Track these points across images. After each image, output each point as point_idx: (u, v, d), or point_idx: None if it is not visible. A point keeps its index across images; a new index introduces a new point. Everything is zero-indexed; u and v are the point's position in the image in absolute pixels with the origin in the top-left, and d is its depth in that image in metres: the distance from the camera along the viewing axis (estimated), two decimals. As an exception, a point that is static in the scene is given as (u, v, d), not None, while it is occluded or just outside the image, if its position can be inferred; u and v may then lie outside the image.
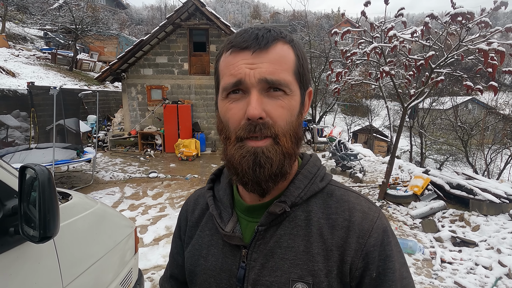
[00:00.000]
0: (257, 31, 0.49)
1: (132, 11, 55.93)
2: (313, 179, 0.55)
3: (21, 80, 10.95)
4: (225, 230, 0.55)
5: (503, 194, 4.54)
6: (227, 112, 0.50)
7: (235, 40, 0.49)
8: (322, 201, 0.54)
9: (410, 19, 64.62)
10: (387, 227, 0.52)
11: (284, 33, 0.52)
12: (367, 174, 7.47)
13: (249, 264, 0.52)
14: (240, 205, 0.58)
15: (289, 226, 0.52)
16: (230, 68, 0.49)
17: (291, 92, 0.49)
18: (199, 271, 0.58)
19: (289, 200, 0.52)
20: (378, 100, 20.86)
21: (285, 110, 0.49)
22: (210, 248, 0.58)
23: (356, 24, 4.73)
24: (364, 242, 0.49)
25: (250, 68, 0.47)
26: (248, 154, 0.48)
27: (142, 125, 9.48)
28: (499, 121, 12.23)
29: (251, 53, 0.48)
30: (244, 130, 0.47)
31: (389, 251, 0.50)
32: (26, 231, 0.91)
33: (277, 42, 0.49)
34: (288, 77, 0.49)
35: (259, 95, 0.47)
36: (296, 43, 0.52)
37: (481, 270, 3.14)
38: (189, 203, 0.69)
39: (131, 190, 5.69)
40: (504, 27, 3.51)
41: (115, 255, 1.61)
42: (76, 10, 16.86)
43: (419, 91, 4.80)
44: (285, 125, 0.49)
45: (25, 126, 5.83)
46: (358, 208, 0.52)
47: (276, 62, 0.48)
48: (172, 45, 9.28)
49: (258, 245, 0.53)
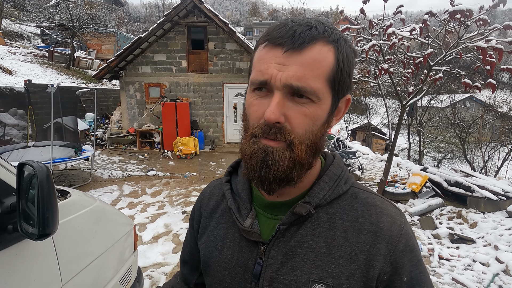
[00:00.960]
0: (296, 26, 0.46)
1: (130, 9, 55.62)
2: (337, 180, 0.54)
3: (18, 78, 10.88)
4: (243, 225, 0.55)
5: (500, 191, 4.57)
6: (250, 107, 0.50)
7: (272, 34, 0.47)
8: (347, 203, 0.53)
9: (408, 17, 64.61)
10: (411, 232, 0.53)
11: (329, 30, 0.47)
12: (366, 172, 7.50)
13: (266, 261, 0.52)
14: (259, 201, 0.57)
15: (311, 227, 0.52)
16: (261, 63, 0.47)
17: (318, 100, 0.46)
18: (213, 262, 0.59)
19: (314, 202, 0.52)
20: (376, 98, 20.89)
21: (307, 119, 0.47)
22: (225, 241, 0.58)
23: (355, 21, 4.72)
24: (394, 248, 0.49)
25: (279, 70, 0.45)
26: (259, 151, 0.47)
27: (140, 123, 9.45)
28: (497, 119, 12.29)
29: (282, 52, 0.45)
30: (260, 129, 0.47)
31: (419, 256, 0.52)
32: (24, 229, 0.91)
33: (316, 42, 0.45)
34: (318, 84, 0.45)
35: (281, 98, 0.45)
36: (341, 44, 0.48)
37: (478, 267, 3.17)
38: (204, 194, 0.69)
39: (129, 188, 5.68)
40: (502, 24, 3.52)
41: (114, 252, 1.61)
42: (73, 8, 16.75)
43: (417, 89, 4.81)
44: (304, 134, 0.47)
45: (23, 124, 5.79)
46: (386, 213, 0.52)
47: (307, 66, 0.45)
48: (170, 43, 9.24)
49: (277, 243, 0.52)
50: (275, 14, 68.62)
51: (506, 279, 2.98)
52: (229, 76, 9.38)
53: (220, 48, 9.27)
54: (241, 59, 9.32)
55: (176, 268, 3.11)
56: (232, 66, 9.37)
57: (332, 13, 65.77)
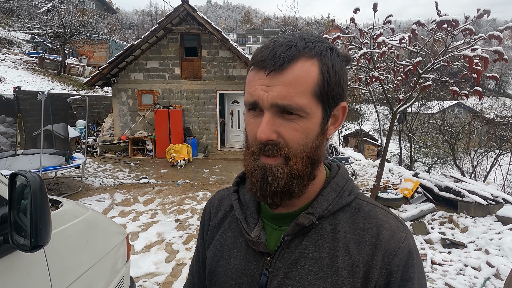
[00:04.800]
0: (277, 47, 0.47)
1: (122, 16, 55.59)
2: (341, 192, 0.55)
3: (7, 85, 10.69)
4: (251, 235, 0.56)
5: (489, 196, 4.66)
6: (247, 126, 0.53)
7: (256, 58, 0.49)
8: (349, 215, 0.54)
9: (397, 26, 66.25)
10: (413, 248, 0.52)
11: (310, 45, 0.48)
12: (358, 178, 7.56)
13: (272, 272, 0.53)
14: (266, 212, 0.58)
15: (315, 238, 0.52)
16: (250, 86, 0.50)
17: (307, 115, 0.47)
18: (219, 272, 0.59)
19: (317, 213, 0.52)
20: (368, 105, 21.19)
21: (298, 133, 0.48)
22: (232, 251, 0.59)
23: (346, 30, 4.82)
24: (389, 261, 0.49)
25: (265, 91, 0.47)
26: (259, 169, 0.50)
27: (133, 130, 9.37)
28: (484, 125, 12.59)
29: (265, 75, 0.47)
30: (257, 147, 0.49)
31: (412, 273, 0.50)
32: (16, 240, 0.89)
33: (297, 60, 0.46)
34: (303, 100, 0.46)
35: (271, 118, 0.47)
36: (326, 56, 0.48)
37: (470, 271, 3.21)
38: (212, 204, 0.69)
39: (121, 196, 5.59)
40: (487, 34, 3.64)
41: (107, 263, 1.58)
42: (65, 14, 16.65)
43: (407, 96, 4.91)
44: (297, 147, 0.48)
45: (11, 132, 5.69)
46: (387, 226, 0.52)
47: (290, 84, 0.46)
48: (163, 50, 9.25)
49: (282, 254, 0.53)
50: (268, 22, 69.51)
51: (497, 283, 3.02)
52: (222, 83, 9.42)
53: (213, 56, 9.32)
54: (234, 66, 9.38)
55: (169, 278, 3.06)
56: (225, 73, 9.41)
57: (324, 22, 66.96)
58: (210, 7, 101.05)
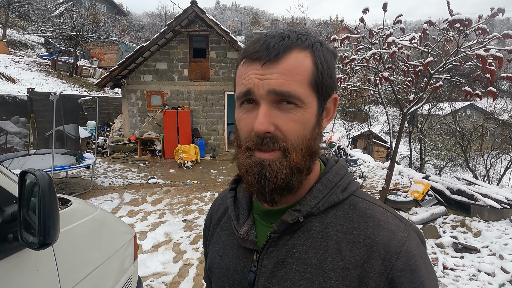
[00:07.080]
0: (270, 39, 0.47)
1: (133, 18, 56.45)
2: (333, 189, 0.52)
3: (21, 86, 10.98)
4: (239, 232, 0.55)
5: (503, 199, 4.53)
6: (239, 122, 0.50)
7: (248, 51, 0.48)
8: (343, 213, 0.50)
9: (408, 26, 65.31)
10: (417, 248, 0.47)
11: (302, 38, 0.48)
12: (367, 180, 7.46)
13: (259, 269, 0.52)
14: (257, 208, 0.57)
15: (303, 237, 0.50)
16: (242, 78, 0.48)
17: (304, 104, 0.47)
18: (215, 268, 0.60)
19: (304, 210, 0.50)
20: (377, 106, 20.95)
21: (296, 124, 0.47)
22: (226, 248, 0.59)
23: (355, 30, 4.77)
24: (391, 266, 0.45)
25: (260, 79, 0.46)
26: (254, 165, 0.47)
27: (142, 131, 9.48)
28: (498, 127, 12.29)
29: (260, 65, 0.46)
30: (252, 142, 0.47)
31: (421, 277, 0.45)
32: (25, 238, 0.90)
33: (291, 51, 0.46)
34: (300, 89, 0.46)
35: (268, 108, 0.46)
36: (317, 48, 0.49)
37: (483, 277, 3.11)
38: (215, 202, 0.71)
39: (130, 196, 5.65)
40: (501, 33, 3.55)
41: (115, 261, 1.59)
42: (77, 17, 17.02)
43: (418, 97, 4.82)
44: (296, 139, 0.47)
45: (25, 132, 5.81)
46: (385, 226, 0.48)
47: (287, 73, 0.45)
48: (172, 52, 9.34)
49: (270, 251, 0.51)
50: (276, 23, 69.48)
51: (512, 289, 2.93)
52: (230, 84, 9.45)
53: (222, 57, 9.37)
54: (242, 67, 9.39)
55: (176, 278, 3.07)
56: (233, 74, 9.39)
57: (332, 23, 66.56)
58: (219, 9, 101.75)
